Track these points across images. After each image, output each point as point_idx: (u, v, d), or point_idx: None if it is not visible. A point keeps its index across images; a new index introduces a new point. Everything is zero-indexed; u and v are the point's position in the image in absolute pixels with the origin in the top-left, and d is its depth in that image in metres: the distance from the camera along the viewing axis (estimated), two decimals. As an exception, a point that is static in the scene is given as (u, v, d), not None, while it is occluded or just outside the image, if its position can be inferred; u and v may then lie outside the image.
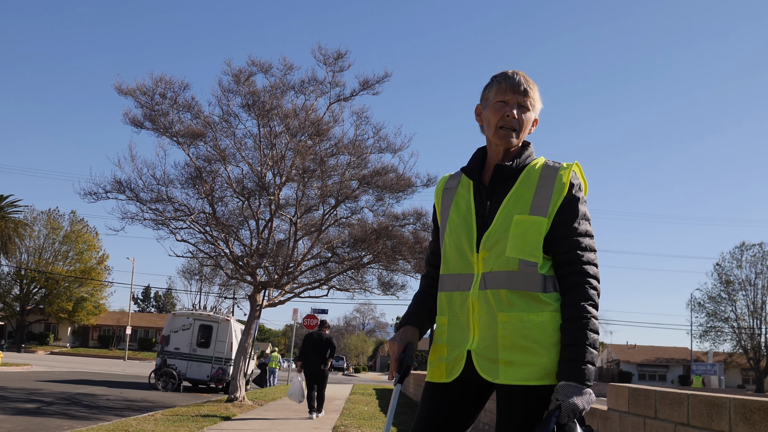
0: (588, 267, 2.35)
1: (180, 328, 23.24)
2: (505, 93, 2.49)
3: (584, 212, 2.42)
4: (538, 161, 2.51)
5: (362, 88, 16.57)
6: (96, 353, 64.36)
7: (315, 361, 13.67)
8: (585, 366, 2.23)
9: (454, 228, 2.53)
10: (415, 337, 2.58)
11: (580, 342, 2.26)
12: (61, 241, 64.46)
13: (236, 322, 24.79)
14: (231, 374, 18.82)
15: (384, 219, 17.33)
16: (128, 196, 15.97)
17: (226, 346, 23.04)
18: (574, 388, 2.20)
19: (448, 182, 2.68)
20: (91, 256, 65.56)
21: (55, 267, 63.37)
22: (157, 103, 15.85)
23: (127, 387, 22.30)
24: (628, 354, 76.70)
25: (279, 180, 16.63)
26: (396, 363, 2.49)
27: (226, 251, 16.85)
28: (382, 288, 18.49)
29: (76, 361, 45.62)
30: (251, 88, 16.25)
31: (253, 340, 17.64)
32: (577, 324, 2.28)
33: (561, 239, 2.37)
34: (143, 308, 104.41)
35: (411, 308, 2.69)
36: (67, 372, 29.77)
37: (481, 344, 2.36)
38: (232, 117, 16.54)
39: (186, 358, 22.83)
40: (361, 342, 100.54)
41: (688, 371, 70.15)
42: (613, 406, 4.69)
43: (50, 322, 68.85)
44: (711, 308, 66.40)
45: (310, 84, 16.53)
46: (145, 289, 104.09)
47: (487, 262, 2.39)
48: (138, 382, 25.55)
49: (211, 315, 24.32)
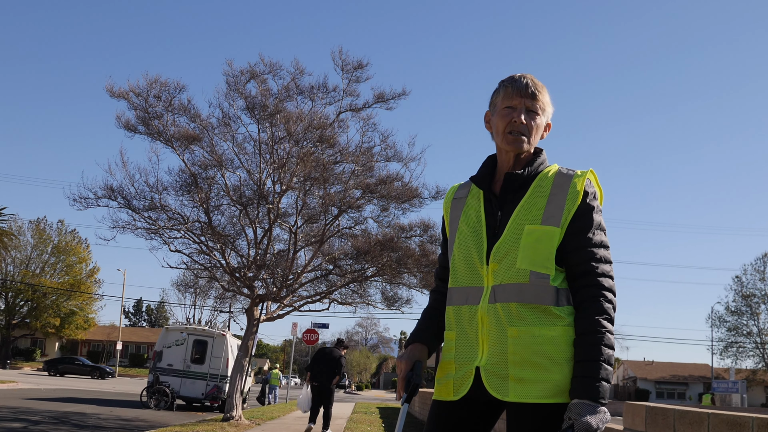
0: (603, 279, 2.35)
1: (173, 344, 23.23)
2: (512, 98, 2.49)
3: (599, 222, 2.41)
4: (551, 169, 2.50)
5: (376, 100, 16.57)
6: (85, 370, 64.28)
7: (322, 377, 13.73)
8: (599, 383, 2.22)
9: (463, 239, 2.53)
10: (424, 355, 2.59)
11: (593, 358, 2.24)
12: (49, 252, 64.42)
13: (232, 337, 24.78)
14: (227, 392, 18.80)
15: (389, 230, 17.31)
16: (120, 204, 16.02)
17: (221, 362, 23.02)
18: (587, 406, 2.19)
19: (457, 192, 2.68)
20: (81, 268, 65.49)
21: (43, 279, 63.30)
22: (151, 105, 15.91)
23: (118, 405, 22.28)
24: (645, 371, 76.42)
25: (279, 187, 16.66)
26: (403, 382, 2.49)
27: (222, 262, 16.88)
28: (386, 302, 18.49)
29: (64, 378, 45.60)
30: (261, 87, 16.23)
31: (250, 356, 17.64)
32: (591, 339, 2.27)
33: (574, 250, 2.36)
34: (134, 322, 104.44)
35: (419, 325, 2.69)
36: (55, 389, 29.76)
37: (490, 360, 2.35)
38: (232, 120, 16.58)
39: (180, 374, 22.81)
40: (363, 358, 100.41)
41: (708, 389, 69.80)
42: (629, 426, 4.69)
43: (37, 336, 68.86)
44: (732, 322, 66.17)
45: (319, 90, 16.53)
46: (137, 303, 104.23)
47: (497, 275, 2.39)
48: (129, 399, 25.53)
49: (206, 330, 24.32)
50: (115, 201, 15.99)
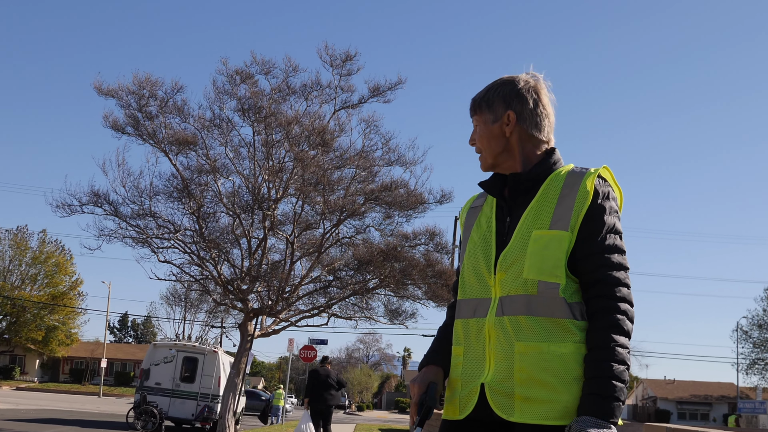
0: (617, 288, 2.30)
1: (161, 361, 23.21)
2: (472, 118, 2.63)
3: (612, 224, 2.36)
4: (564, 169, 2.47)
5: (372, 94, 16.63)
6: (67, 389, 64.23)
7: (320, 398, 13.83)
8: (609, 400, 2.17)
9: (473, 249, 2.52)
10: (439, 377, 2.54)
11: (603, 374, 2.20)
12: (29, 262, 64.33)
13: (225, 354, 24.75)
14: (219, 413, 18.78)
15: (392, 239, 17.31)
16: (106, 211, 16.05)
17: (213, 380, 22.98)
18: (593, 421, 2.15)
19: (475, 201, 2.70)
20: (63, 279, 65.40)
21: (23, 292, 63.22)
22: (144, 105, 15.95)
23: (103, 427, 22.25)
24: (666, 390, 76.21)
25: (276, 194, 16.67)
26: (416, 407, 2.46)
27: (214, 273, 16.89)
28: (389, 316, 18.45)
29: (45, 398, 45.55)
30: (252, 88, 16.31)
31: (243, 374, 17.62)
32: (602, 354, 2.23)
33: (585, 257, 2.32)
34: (120, 338, 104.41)
35: (434, 345, 2.66)
36: (35, 410, 29.72)
37: (496, 377, 2.33)
38: (225, 122, 16.62)
39: (168, 394, 22.77)
40: (365, 376, 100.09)
41: (734, 409, 69.54)
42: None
43: (16, 353, 68.75)
44: (759, 338, 65.89)
45: (313, 88, 16.60)
46: (123, 317, 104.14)
47: (504, 285, 2.37)
48: (115, 421, 25.49)
49: (196, 346, 24.28)
50: (100, 208, 16.03)
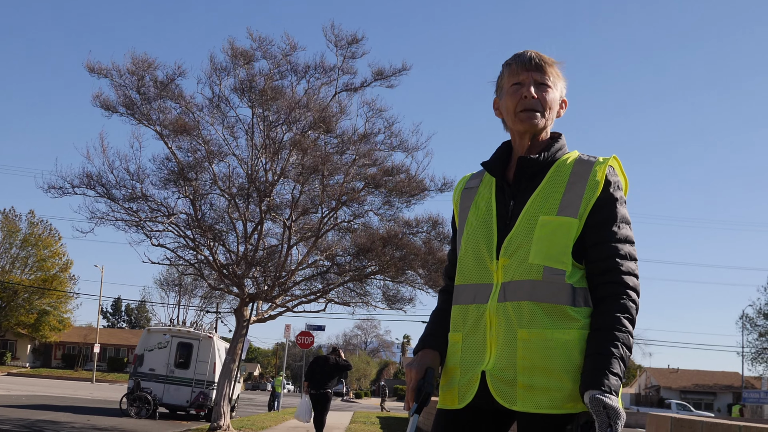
0: (627, 278, 2.31)
1: (155, 347, 23.26)
2: (519, 73, 2.48)
3: (623, 214, 2.38)
4: (571, 155, 2.48)
5: (375, 78, 16.52)
6: (59, 374, 64.45)
7: (319, 384, 13.91)
8: (610, 375, 2.17)
9: (472, 232, 2.51)
10: (436, 361, 2.54)
11: (607, 352, 2.20)
12: (19, 245, 64.14)
13: (220, 340, 24.83)
14: (214, 399, 18.85)
15: (393, 225, 17.28)
16: (99, 193, 16.00)
17: (208, 367, 23.05)
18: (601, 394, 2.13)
19: (468, 182, 2.67)
20: (54, 263, 65.33)
21: (13, 275, 63.12)
22: (142, 85, 15.86)
23: (96, 413, 22.33)
24: (669, 379, 76.47)
25: (273, 176, 16.64)
26: (413, 391, 2.46)
27: (209, 258, 16.90)
28: (387, 302, 18.46)
29: (37, 384, 45.70)
30: (248, 69, 16.22)
31: (239, 360, 17.68)
32: (608, 335, 2.23)
33: (596, 245, 2.34)
34: (113, 323, 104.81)
35: (428, 328, 2.65)
36: (27, 396, 29.83)
37: (497, 365, 2.33)
38: (222, 102, 16.54)
39: (162, 380, 22.85)
40: (363, 363, 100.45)
41: (738, 399, 69.83)
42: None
43: (7, 338, 68.91)
44: (765, 327, 66.06)
45: (315, 70, 16.50)
46: (116, 302, 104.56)
47: (508, 271, 2.36)
48: (108, 407, 25.59)
49: (191, 331, 24.35)
50: (93, 189, 15.98)
